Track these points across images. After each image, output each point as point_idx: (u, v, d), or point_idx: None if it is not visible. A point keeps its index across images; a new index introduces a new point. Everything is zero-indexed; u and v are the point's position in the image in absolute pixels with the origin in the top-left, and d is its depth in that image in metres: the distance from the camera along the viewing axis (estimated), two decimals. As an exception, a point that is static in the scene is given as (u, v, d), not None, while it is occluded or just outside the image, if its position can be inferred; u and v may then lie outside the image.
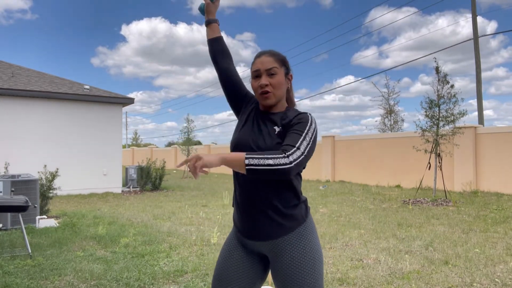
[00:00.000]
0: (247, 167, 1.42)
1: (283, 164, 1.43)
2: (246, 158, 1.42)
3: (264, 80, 1.65)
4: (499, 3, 35.99)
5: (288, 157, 1.45)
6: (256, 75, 1.69)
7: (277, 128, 1.62)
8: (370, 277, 3.74)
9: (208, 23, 1.90)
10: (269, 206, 1.58)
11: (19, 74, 12.40)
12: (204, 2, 1.91)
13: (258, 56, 1.71)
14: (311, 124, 1.57)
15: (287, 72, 1.72)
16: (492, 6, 36.44)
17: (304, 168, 1.58)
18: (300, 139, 1.51)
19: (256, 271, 1.72)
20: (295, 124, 1.57)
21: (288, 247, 1.59)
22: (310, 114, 1.62)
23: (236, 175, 1.68)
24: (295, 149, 1.48)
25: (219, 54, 1.88)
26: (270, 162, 1.42)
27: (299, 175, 1.66)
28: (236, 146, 1.68)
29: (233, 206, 1.77)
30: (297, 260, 1.57)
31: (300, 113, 1.63)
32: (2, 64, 13.03)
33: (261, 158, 1.43)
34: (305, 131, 1.54)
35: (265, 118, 1.69)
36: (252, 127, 1.69)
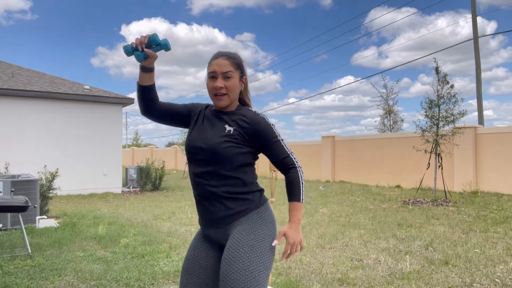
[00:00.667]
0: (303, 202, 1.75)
1: (301, 173, 1.74)
2: (302, 202, 1.74)
3: (220, 83, 1.72)
4: (498, 4, 36.02)
5: (296, 167, 1.74)
6: (212, 76, 1.74)
7: (228, 127, 1.72)
8: (370, 277, 3.74)
9: (148, 71, 1.78)
10: (218, 195, 1.70)
11: (19, 74, 12.40)
12: (140, 52, 1.71)
13: (215, 57, 1.76)
14: (271, 125, 1.74)
15: (242, 76, 1.79)
16: (491, 7, 36.51)
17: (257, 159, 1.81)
18: (282, 145, 1.74)
19: (219, 263, 1.80)
20: (264, 134, 1.71)
21: (236, 229, 1.69)
22: (263, 115, 1.76)
23: (192, 168, 1.78)
24: (289, 155, 1.74)
25: (154, 101, 1.82)
26: (302, 181, 1.73)
27: (249, 165, 1.75)
28: (188, 148, 1.78)
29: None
30: (237, 239, 1.65)
31: (257, 117, 1.73)
32: (2, 65, 13.03)
33: (301, 188, 1.73)
34: (276, 134, 1.73)
35: (216, 117, 1.78)
36: (202, 126, 1.79)
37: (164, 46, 1.72)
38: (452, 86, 9.10)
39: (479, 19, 16.08)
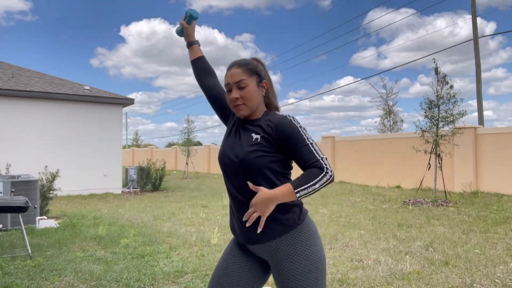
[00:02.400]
0: (299, 198, 1.54)
1: (327, 180, 1.54)
2: (297, 193, 1.52)
3: (235, 93, 1.66)
4: (495, 5, 36.03)
5: (326, 171, 1.54)
6: (227, 89, 1.70)
7: (254, 135, 1.63)
8: (370, 277, 3.74)
9: (189, 45, 1.98)
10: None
11: (19, 75, 12.41)
12: (181, 25, 1.98)
13: (229, 68, 1.71)
14: (300, 127, 1.60)
15: (260, 80, 1.70)
16: (489, 8, 36.53)
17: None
18: (312, 149, 1.57)
19: (256, 273, 1.74)
20: (292, 138, 1.57)
21: (282, 255, 1.60)
22: (291, 117, 1.63)
23: (226, 181, 1.72)
24: (320, 160, 1.56)
25: (202, 73, 1.96)
26: (317, 186, 1.52)
27: (283, 176, 1.64)
28: (220, 157, 1.74)
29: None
30: (293, 270, 1.58)
31: (284, 120, 1.61)
32: (2, 65, 13.04)
33: (308, 187, 1.52)
34: (305, 138, 1.58)
35: (245, 127, 1.71)
36: (234, 137, 1.73)
37: (191, 16, 1.94)
38: (451, 86, 9.10)
39: (478, 20, 16.06)
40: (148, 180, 12.83)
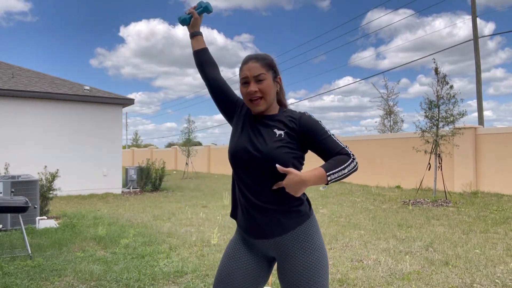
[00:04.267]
0: (329, 182, 1.56)
1: (354, 166, 1.61)
2: (328, 176, 1.55)
3: (253, 87, 1.66)
4: (493, 6, 36.05)
5: (353, 158, 1.62)
6: (244, 82, 1.69)
7: (278, 131, 1.64)
8: (370, 277, 3.74)
9: (194, 36, 1.92)
10: (274, 204, 1.61)
11: (19, 75, 12.41)
12: (188, 15, 1.93)
13: (245, 62, 1.71)
14: (319, 121, 1.68)
15: (275, 76, 1.72)
16: (487, 9, 36.57)
17: None
18: (335, 139, 1.65)
19: (260, 272, 1.73)
20: (316, 132, 1.64)
21: (294, 248, 1.62)
22: (309, 114, 1.69)
23: (239, 176, 1.69)
24: (344, 147, 1.64)
25: (207, 64, 1.89)
26: (346, 171, 1.58)
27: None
28: (234, 153, 1.70)
29: (234, 207, 1.78)
30: (305, 264, 1.61)
31: (304, 116, 1.68)
32: (2, 65, 13.04)
33: (339, 171, 1.57)
34: (326, 130, 1.66)
35: (263, 122, 1.70)
36: (250, 132, 1.70)
37: (205, 9, 1.90)
38: (451, 86, 9.10)
39: (477, 20, 16.04)
40: (148, 180, 12.83)
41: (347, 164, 1.58)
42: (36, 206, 6.25)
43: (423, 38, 50.04)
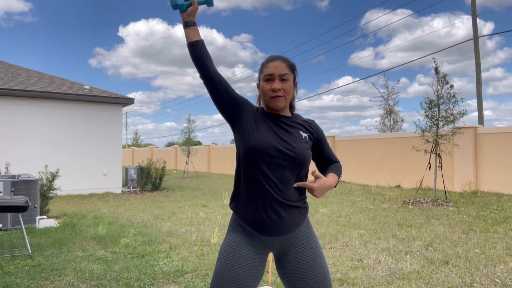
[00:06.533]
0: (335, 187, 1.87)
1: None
2: (337, 182, 1.80)
3: (277, 84, 1.71)
4: (491, 6, 36.07)
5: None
6: (268, 78, 1.73)
7: (303, 133, 1.78)
8: (370, 277, 3.74)
9: (190, 25, 1.75)
10: (295, 201, 1.71)
11: (19, 74, 12.40)
12: (186, 1, 1.75)
13: (272, 60, 1.75)
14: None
15: (295, 79, 1.80)
16: (485, 9, 36.63)
17: None
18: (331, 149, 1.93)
19: (262, 269, 1.76)
20: (324, 138, 1.88)
21: (305, 237, 1.75)
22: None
23: (263, 172, 1.65)
24: (336, 157, 1.94)
25: (205, 57, 1.74)
26: (341, 177, 1.86)
27: None
28: (257, 149, 1.65)
29: (244, 205, 1.73)
30: (315, 249, 1.76)
31: (315, 123, 1.87)
32: (2, 65, 13.03)
33: (340, 177, 1.83)
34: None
35: (285, 122, 1.76)
36: (276, 131, 1.71)
37: (208, 1, 1.80)
38: (451, 86, 9.10)
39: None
40: (148, 180, 12.83)
41: (341, 171, 1.87)
42: (36, 206, 6.26)
43: (422, 38, 50.01)
